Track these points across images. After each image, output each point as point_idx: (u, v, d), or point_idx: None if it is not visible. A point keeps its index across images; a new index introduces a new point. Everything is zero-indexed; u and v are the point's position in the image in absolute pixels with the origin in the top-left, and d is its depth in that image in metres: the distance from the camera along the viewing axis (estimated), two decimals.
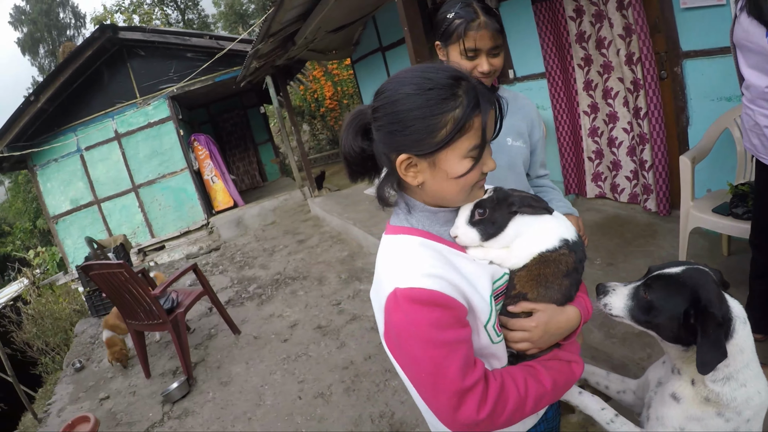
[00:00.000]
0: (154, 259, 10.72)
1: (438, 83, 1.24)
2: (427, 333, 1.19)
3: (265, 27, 6.33)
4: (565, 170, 5.85)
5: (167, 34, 11.14)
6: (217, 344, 5.24)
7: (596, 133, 5.40)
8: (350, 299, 5.55)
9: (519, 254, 1.40)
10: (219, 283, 7.29)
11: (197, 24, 36.62)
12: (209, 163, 11.37)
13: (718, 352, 1.36)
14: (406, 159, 1.26)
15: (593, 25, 4.95)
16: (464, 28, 1.91)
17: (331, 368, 4.27)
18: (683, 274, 1.47)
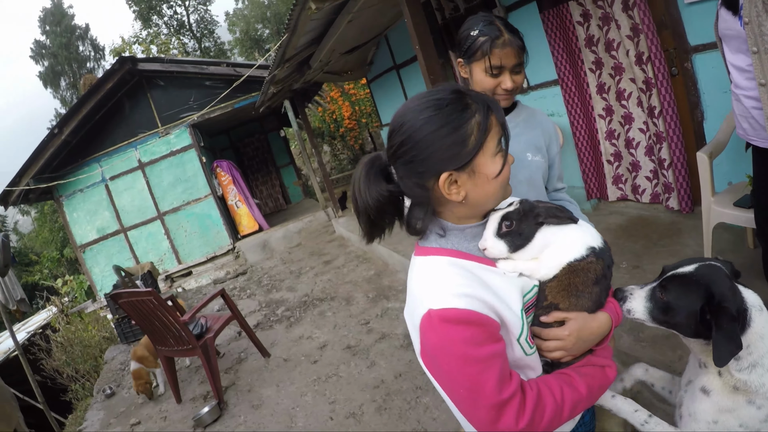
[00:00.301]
0: (181, 285, 10.80)
1: (448, 100, 1.31)
2: (462, 351, 1.22)
3: (281, 53, 6.39)
4: (585, 175, 5.85)
5: (185, 63, 11.34)
6: (247, 368, 5.22)
7: (613, 135, 5.39)
8: (379, 318, 5.52)
9: (548, 265, 1.42)
10: (247, 307, 7.30)
11: (214, 51, 37.15)
12: (233, 188, 11.47)
13: (732, 344, 1.38)
14: (447, 177, 1.30)
15: (601, 28, 4.96)
16: (489, 45, 1.94)
17: (361, 388, 4.24)
18: (696, 272, 1.48)
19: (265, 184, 15.97)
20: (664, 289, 1.51)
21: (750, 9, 2.25)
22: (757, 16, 2.23)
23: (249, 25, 38.88)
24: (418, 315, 1.30)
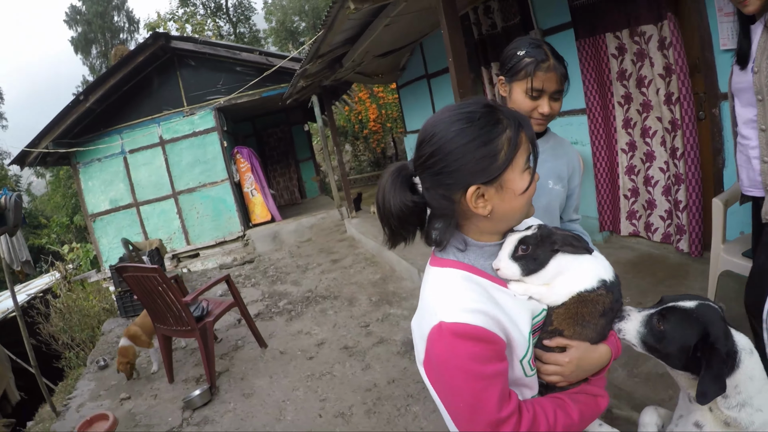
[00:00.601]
0: (187, 266, 10.84)
1: (480, 113, 1.32)
2: (469, 366, 1.24)
3: (314, 48, 6.40)
4: (600, 207, 5.86)
5: (218, 46, 11.36)
6: (243, 356, 5.23)
7: (633, 171, 5.38)
8: (379, 322, 5.53)
9: (559, 292, 1.43)
10: (250, 295, 7.31)
11: (248, 38, 37.17)
12: (250, 176, 11.50)
13: (717, 385, 1.43)
14: (475, 190, 1.31)
15: (634, 64, 4.96)
16: (534, 67, 1.96)
17: (354, 389, 4.25)
18: (697, 309, 1.51)
19: (283, 175, 15.97)
20: (663, 317, 1.53)
21: (761, 60, 2.35)
22: (766, 68, 2.33)
23: (286, 16, 38.82)
24: (428, 324, 1.31)
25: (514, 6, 6.17)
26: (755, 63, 2.38)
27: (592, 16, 5.28)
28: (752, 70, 2.40)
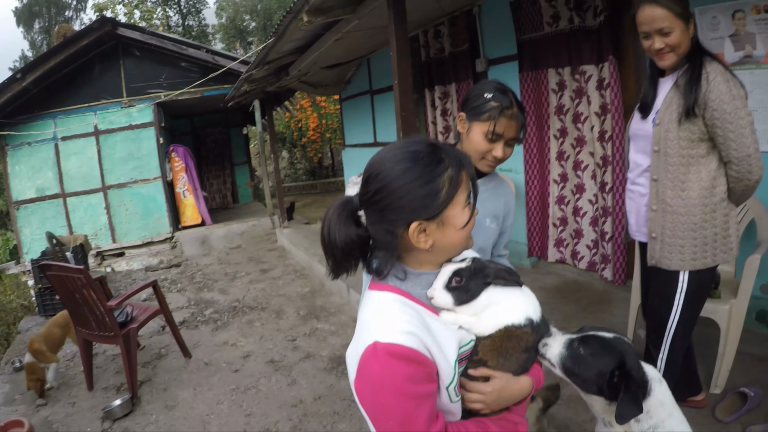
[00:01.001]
0: (112, 265, 10.45)
1: (424, 153, 1.37)
2: (401, 385, 1.26)
3: (262, 54, 6.39)
4: (530, 233, 6.11)
5: (165, 39, 11.08)
6: (166, 365, 5.09)
7: (563, 201, 5.66)
8: (306, 336, 5.51)
9: (488, 323, 1.48)
10: (175, 301, 7.11)
11: (196, 32, 36.46)
12: (183, 176, 11.25)
13: (635, 407, 1.55)
14: (417, 226, 1.35)
15: (573, 100, 5.24)
16: (498, 113, 2.03)
17: (279, 404, 4.21)
18: (614, 340, 1.64)
19: (217, 178, 15.65)
20: (584, 343, 1.63)
21: (664, 114, 2.54)
22: (668, 122, 2.52)
23: (237, 14, 38.32)
24: (363, 344, 1.33)
25: (464, 33, 6.35)
26: (658, 115, 2.56)
27: (537, 51, 5.49)
28: (653, 121, 2.59)
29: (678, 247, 2.61)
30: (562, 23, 5.14)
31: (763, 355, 3.84)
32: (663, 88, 2.63)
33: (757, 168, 2.51)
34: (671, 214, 2.60)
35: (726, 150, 2.49)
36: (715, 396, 3.38)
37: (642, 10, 2.44)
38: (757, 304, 4.17)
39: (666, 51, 2.46)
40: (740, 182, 2.57)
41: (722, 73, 2.44)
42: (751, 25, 3.84)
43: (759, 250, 3.39)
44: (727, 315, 3.33)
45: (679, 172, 2.56)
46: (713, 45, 4.03)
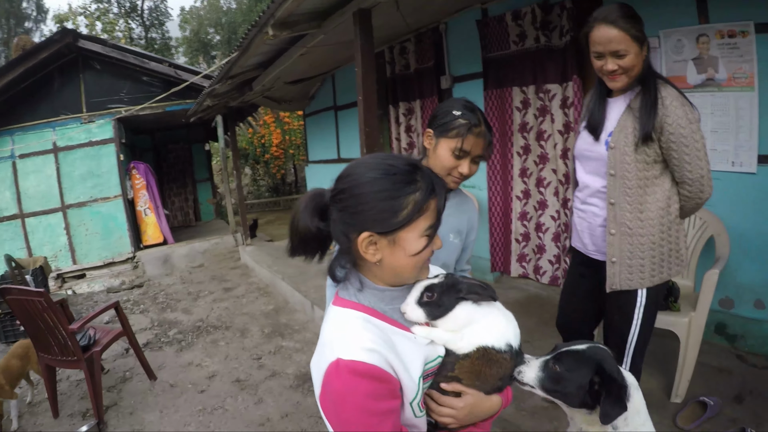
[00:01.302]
0: (73, 287, 10.14)
1: (400, 169, 1.38)
2: (364, 402, 1.28)
3: (226, 69, 6.35)
4: (492, 248, 6.18)
5: (127, 52, 10.83)
6: (132, 389, 5.00)
7: (525, 217, 5.75)
8: (271, 355, 5.50)
9: (468, 341, 1.51)
10: (138, 323, 7.00)
11: (159, 45, 35.86)
12: (144, 194, 11.03)
13: (619, 405, 1.58)
14: (368, 237, 1.37)
15: (536, 118, 5.33)
16: (466, 130, 2.07)
17: (247, 424, 4.19)
18: (588, 350, 1.68)
19: (178, 195, 15.36)
20: (558, 361, 1.66)
21: (619, 137, 2.57)
22: (624, 146, 2.55)
23: (201, 27, 37.78)
24: (326, 360, 1.34)
25: (430, 50, 6.42)
26: (612, 138, 2.59)
27: (502, 69, 5.57)
28: (607, 144, 2.62)
29: (638, 267, 2.66)
30: (528, 42, 5.24)
31: (721, 366, 3.96)
32: (613, 109, 2.68)
33: (708, 188, 2.61)
34: (630, 236, 2.65)
35: (680, 171, 2.57)
36: (676, 405, 3.49)
37: (598, 30, 2.46)
38: (716, 317, 4.30)
39: (619, 73, 2.51)
40: (692, 201, 2.66)
41: (677, 98, 2.51)
42: (714, 49, 3.97)
43: (717, 265, 3.49)
44: (686, 327, 3.44)
45: (637, 195, 2.61)
46: (677, 67, 4.19)
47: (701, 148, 2.54)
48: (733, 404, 3.52)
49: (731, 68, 3.94)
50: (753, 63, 3.82)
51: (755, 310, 4.19)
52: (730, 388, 3.70)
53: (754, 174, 3.99)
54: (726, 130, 4.06)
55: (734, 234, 4.04)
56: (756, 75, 3.84)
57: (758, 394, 3.61)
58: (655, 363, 3.95)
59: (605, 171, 2.66)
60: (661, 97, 2.50)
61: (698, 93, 4.13)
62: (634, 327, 2.78)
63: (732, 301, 4.30)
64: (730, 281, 4.23)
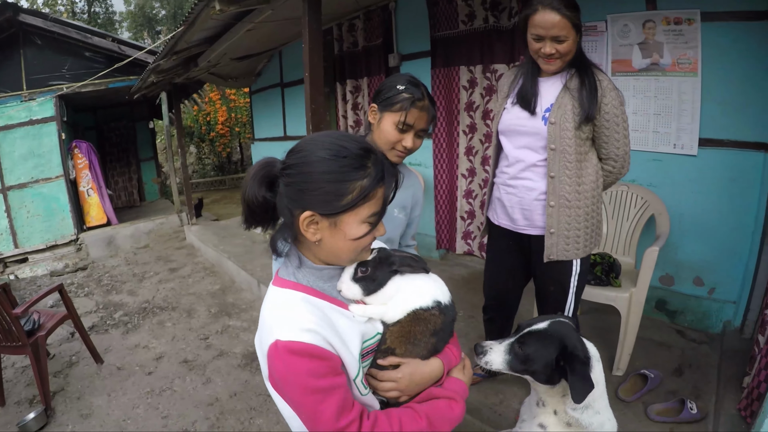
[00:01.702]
0: (15, 272, 9.86)
1: (351, 153, 1.39)
2: (304, 381, 1.32)
3: (171, 44, 6.24)
4: (438, 226, 6.28)
5: (69, 27, 10.34)
6: (78, 373, 4.93)
7: (470, 195, 5.85)
8: (218, 334, 5.50)
9: (397, 308, 1.55)
10: (83, 306, 6.87)
11: (102, 19, 34.63)
12: (87, 174, 10.69)
13: (587, 384, 1.63)
14: (309, 216, 1.39)
15: (483, 97, 5.41)
16: (410, 104, 2.11)
17: (196, 404, 4.20)
18: (550, 327, 1.74)
19: (122, 175, 14.94)
20: (522, 343, 1.74)
21: (557, 113, 2.69)
22: (564, 122, 2.68)
23: (146, 1, 36.49)
24: (266, 343, 1.38)
25: (379, 28, 6.43)
26: (552, 114, 2.71)
27: (450, 48, 5.62)
28: (546, 119, 2.73)
29: (574, 238, 2.79)
30: (477, 22, 5.31)
31: (662, 340, 4.13)
32: (547, 87, 2.79)
33: (628, 164, 2.86)
34: (568, 208, 2.77)
35: (608, 148, 2.77)
36: (618, 378, 3.60)
37: (542, 14, 2.52)
38: (656, 293, 4.47)
39: (555, 57, 2.61)
40: (613, 175, 2.89)
41: (610, 81, 2.69)
42: (660, 35, 4.09)
43: (657, 243, 3.60)
44: (627, 302, 3.55)
45: (576, 168, 2.74)
46: (622, 51, 4.32)
47: (627, 128, 2.75)
48: (673, 377, 3.66)
49: (676, 54, 4.07)
50: (697, 50, 3.96)
51: (694, 287, 4.36)
52: (670, 361, 3.85)
53: (695, 156, 4.15)
54: (668, 114, 4.21)
55: (675, 214, 4.19)
56: (700, 61, 3.98)
57: (697, 368, 3.76)
58: (597, 337, 4.04)
59: (541, 145, 2.78)
60: (598, 81, 2.65)
61: (642, 77, 4.29)
62: (570, 295, 2.93)
63: (672, 278, 4.46)
64: (670, 259, 4.40)
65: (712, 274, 4.31)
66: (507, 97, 2.96)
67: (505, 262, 3.22)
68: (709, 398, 3.43)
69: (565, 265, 2.89)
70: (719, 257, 4.24)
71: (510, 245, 3.12)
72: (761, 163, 3.92)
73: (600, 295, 3.66)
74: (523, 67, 2.89)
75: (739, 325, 4.18)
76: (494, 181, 3.14)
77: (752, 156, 3.95)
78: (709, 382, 3.62)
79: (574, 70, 2.71)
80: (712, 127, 4.09)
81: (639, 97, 4.38)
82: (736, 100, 3.97)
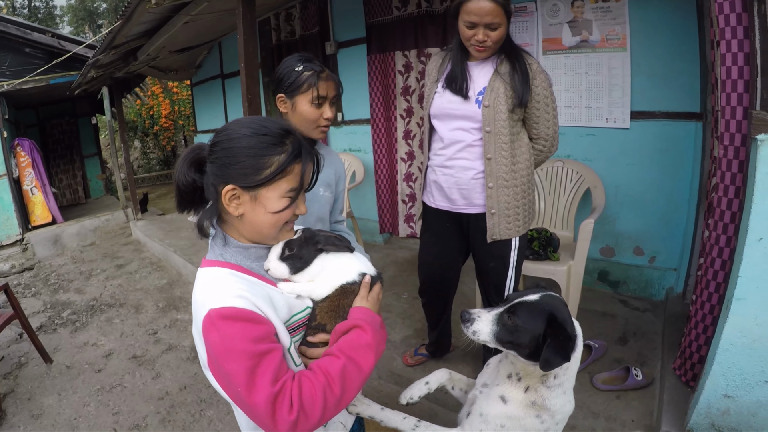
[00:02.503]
0: None
1: (271, 131, 1.45)
2: (240, 345, 1.30)
3: (109, 38, 6.18)
4: (380, 210, 6.36)
5: (8, 23, 10.14)
6: (28, 374, 4.90)
7: (410, 178, 5.95)
8: (167, 329, 5.54)
9: (324, 285, 1.58)
10: (31, 306, 6.81)
11: (43, 14, 33.72)
12: (30, 172, 10.45)
13: (561, 355, 1.59)
14: (231, 189, 1.44)
15: (418, 81, 5.53)
16: (316, 78, 2.17)
17: (146, 399, 4.23)
18: (541, 300, 1.69)
19: (66, 172, 14.65)
20: (512, 313, 1.68)
21: (491, 96, 2.76)
22: (497, 105, 2.76)
23: None
24: (200, 318, 1.37)
25: (315, 17, 6.49)
26: (485, 98, 2.77)
27: (385, 34, 5.71)
28: (480, 102, 2.80)
29: (514, 216, 2.88)
30: (410, 7, 5.41)
31: (606, 310, 4.28)
32: (478, 71, 2.86)
33: (557, 143, 2.99)
34: (506, 188, 2.85)
35: (538, 129, 2.88)
36: None
37: (476, 2, 2.56)
38: (598, 265, 4.60)
39: (487, 44, 2.66)
40: (543, 155, 3.00)
41: (538, 64, 2.80)
42: (588, 12, 4.21)
43: (593, 215, 3.71)
44: (566, 275, 3.64)
45: (510, 149, 2.82)
46: (552, 30, 4.44)
47: (555, 109, 2.88)
48: (618, 346, 3.80)
49: (604, 30, 4.19)
50: (625, 25, 4.09)
51: (635, 256, 4.51)
52: (614, 330, 4.00)
53: (628, 129, 4.29)
54: (600, 89, 4.33)
55: (610, 186, 4.33)
56: (628, 36, 4.11)
57: (641, 335, 3.91)
58: None
59: (474, 127, 2.86)
60: (528, 65, 2.76)
61: (573, 54, 4.41)
62: (510, 269, 3.03)
63: (613, 250, 4.60)
64: (609, 231, 4.54)
65: (651, 243, 4.47)
66: (437, 81, 3.02)
67: (442, 243, 3.27)
68: (654, 364, 3.57)
69: (504, 242, 2.98)
70: (657, 226, 4.39)
71: (447, 226, 3.19)
72: (693, 133, 4.06)
73: (539, 269, 3.76)
74: (451, 51, 2.95)
75: (681, 291, 4.34)
76: (428, 165, 3.18)
77: (683, 126, 4.09)
78: (654, 349, 3.77)
79: (504, 55, 2.79)
80: (643, 99, 4.24)
81: (570, 75, 4.50)
82: (665, 73, 4.11)
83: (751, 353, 2.36)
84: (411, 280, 5.08)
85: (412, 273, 5.22)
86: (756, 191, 2.14)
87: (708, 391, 2.54)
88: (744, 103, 2.37)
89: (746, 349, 2.36)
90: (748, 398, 2.45)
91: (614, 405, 3.25)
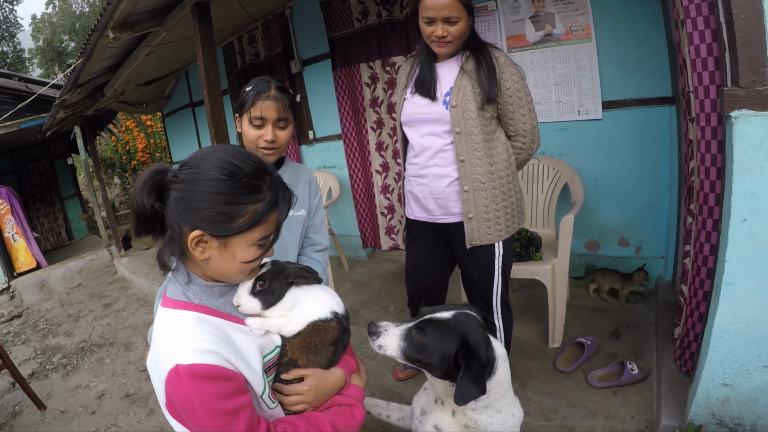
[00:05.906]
0: None
1: (245, 174, 1.37)
2: (212, 404, 1.29)
3: (73, 77, 6.11)
4: (361, 225, 6.34)
5: None
6: (23, 422, 4.84)
7: (387, 190, 5.92)
8: None
9: (297, 321, 1.57)
10: (21, 354, 6.73)
11: (11, 58, 33.74)
12: (10, 219, 10.36)
13: (476, 388, 1.53)
14: (199, 235, 1.37)
15: (385, 92, 5.52)
16: (254, 98, 2.15)
17: None
18: (453, 319, 1.63)
19: (47, 216, 14.45)
20: (420, 330, 1.63)
21: (458, 96, 2.68)
22: (465, 103, 2.67)
23: (54, 35, 35.53)
24: (164, 369, 1.33)
25: (277, 37, 6.49)
26: (452, 98, 2.69)
27: (348, 47, 5.72)
28: (448, 103, 2.71)
29: (494, 220, 2.78)
30: (371, 18, 5.42)
31: (596, 305, 4.24)
32: (445, 71, 2.79)
33: (538, 138, 2.87)
34: (483, 190, 2.75)
35: (515, 125, 2.76)
36: (554, 350, 3.67)
37: None
38: (584, 260, 4.58)
39: (447, 40, 2.60)
40: (524, 152, 2.87)
41: (507, 57, 2.71)
42: (550, 6, 4.20)
43: (572, 210, 3.67)
44: (550, 273, 3.60)
45: (485, 149, 2.71)
46: (515, 27, 4.43)
47: (531, 102, 2.77)
48: (611, 340, 3.77)
49: (568, 22, 4.19)
50: (588, 15, 4.09)
51: (620, 248, 4.49)
52: (606, 325, 3.96)
53: (600, 120, 4.27)
54: (569, 82, 4.32)
55: (589, 179, 4.31)
56: (592, 26, 4.10)
57: (634, 327, 3.88)
58: (529, 313, 4.16)
59: (445, 130, 2.76)
60: (495, 58, 2.67)
61: (538, 49, 4.41)
62: (496, 277, 2.92)
63: (597, 243, 4.58)
64: (592, 224, 4.51)
65: (636, 232, 4.45)
66: (406, 87, 2.97)
67: (426, 255, 3.17)
68: (650, 356, 3.53)
69: (488, 249, 2.87)
70: (640, 215, 4.37)
71: (431, 237, 3.09)
72: (667, 117, 4.04)
73: (522, 270, 3.71)
74: (419, 56, 2.91)
75: (670, 278, 4.31)
76: (404, 175, 3.12)
77: (657, 111, 4.08)
78: (648, 339, 3.73)
79: (469, 52, 2.73)
80: (613, 88, 4.22)
81: (537, 70, 4.49)
82: (633, 59, 4.10)
83: (746, 339, 2.32)
84: (397, 293, 5.08)
85: (398, 285, 5.25)
86: (735, 170, 2.10)
87: (705, 382, 2.49)
88: (717, 81, 2.34)
89: (741, 335, 2.32)
90: (748, 385, 2.41)
91: (612, 402, 3.22)
